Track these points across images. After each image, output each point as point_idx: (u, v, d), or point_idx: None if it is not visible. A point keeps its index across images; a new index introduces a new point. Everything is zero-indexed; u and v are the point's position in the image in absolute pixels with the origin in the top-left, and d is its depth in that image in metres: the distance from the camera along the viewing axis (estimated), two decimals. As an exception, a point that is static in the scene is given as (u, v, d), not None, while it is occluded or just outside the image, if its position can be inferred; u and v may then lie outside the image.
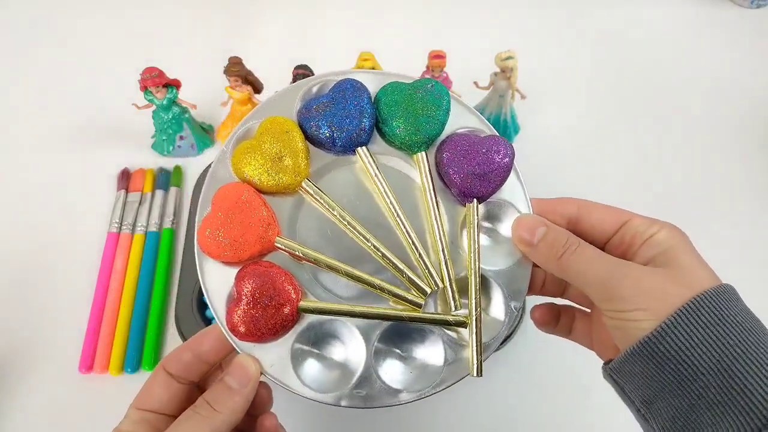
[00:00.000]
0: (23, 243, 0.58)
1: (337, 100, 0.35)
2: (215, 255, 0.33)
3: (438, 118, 0.35)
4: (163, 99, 0.58)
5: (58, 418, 0.49)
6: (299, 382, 0.32)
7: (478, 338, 0.33)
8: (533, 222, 0.33)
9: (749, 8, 0.79)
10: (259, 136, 0.34)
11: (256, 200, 0.33)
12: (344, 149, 0.35)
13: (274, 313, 0.31)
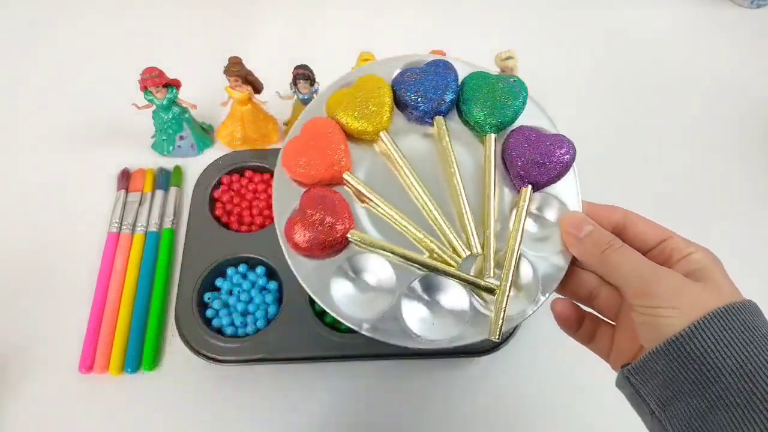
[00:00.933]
0: (23, 243, 0.58)
1: (428, 72, 0.39)
2: (291, 170, 0.38)
3: (513, 107, 0.39)
4: (163, 99, 0.58)
5: (59, 418, 0.49)
6: (332, 300, 0.35)
7: (504, 305, 0.35)
8: (581, 219, 0.36)
9: (749, 8, 0.79)
10: (355, 87, 0.39)
11: (339, 135, 0.38)
12: (424, 115, 0.39)
13: (327, 230, 0.35)
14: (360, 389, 0.51)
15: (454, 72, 0.40)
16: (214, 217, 0.58)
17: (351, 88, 0.39)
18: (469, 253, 0.36)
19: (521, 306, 0.36)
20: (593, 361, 0.53)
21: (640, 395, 0.31)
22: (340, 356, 0.50)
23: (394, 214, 0.37)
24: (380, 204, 0.37)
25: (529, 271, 0.36)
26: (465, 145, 0.40)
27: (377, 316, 0.35)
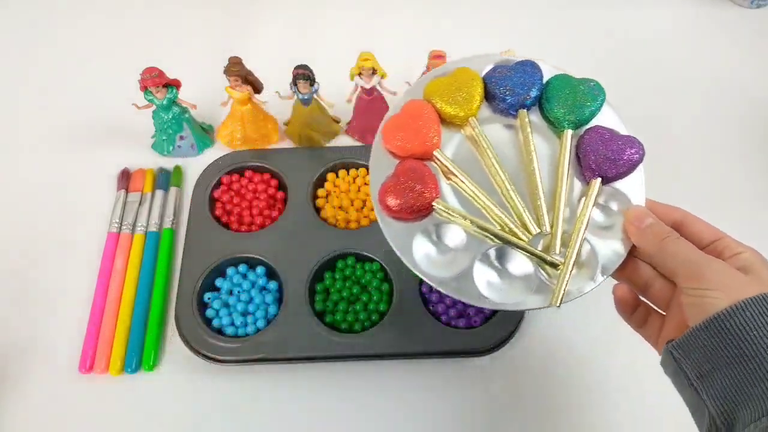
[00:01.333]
0: (24, 243, 0.58)
1: (517, 70, 0.45)
2: (389, 143, 0.42)
3: (591, 108, 0.43)
4: (163, 99, 0.58)
5: (59, 418, 0.50)
6: (413, 258, 0.40)
7: (566, 278, 0.39)
8: (644, 212, 0.40)
9: (749, 8, 0.79)
10: (451, 76, 0.44)
11: (433, 117, 0.43)
12: (509, 107, 0.44)
13: (416, 196, 0.40)
14: (360, 389, 0.51)
15: (540, 72, 0.45)
16: (214, 217, 0.58)
17: (448, 77, 0.44)
18: (538, 231, 0.40)
19: (580, 283, 0.40)
20: (592, 362, 0.53)
21: (681, 368, 0.34)
22: (339, 356, 0.51)
23: (475, 190, 0.41)
24: (464, 180, 0.42)
25: (591, 253, 0.40)
26: (543, 138, 0.44)
27: (451, 276, 0.40)
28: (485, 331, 0.51)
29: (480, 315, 0.52)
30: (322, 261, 0.54)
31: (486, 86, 0.44)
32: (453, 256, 0.41)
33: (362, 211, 0.59)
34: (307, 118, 0.61)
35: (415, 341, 0.50)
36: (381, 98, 0.61)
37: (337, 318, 0.52)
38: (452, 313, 0.52)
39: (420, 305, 0.52)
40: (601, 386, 0.52)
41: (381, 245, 0.55)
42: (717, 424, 0.32)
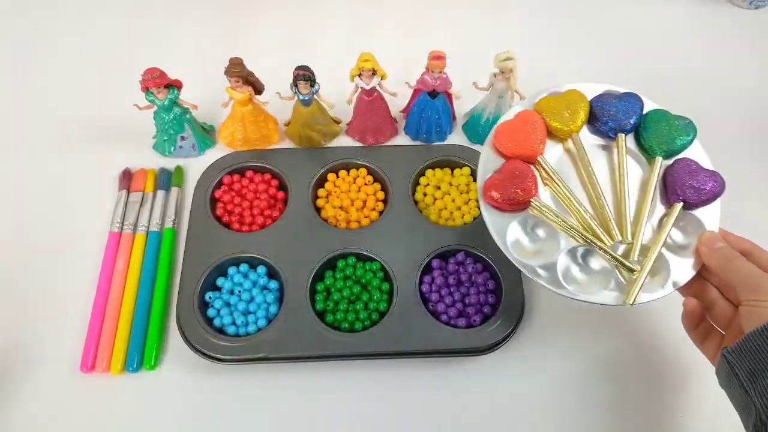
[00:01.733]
0: (25, 243, 0.59)
1: (622, 99, 0.51)
2: (500, 143, 0.50)
3: (682, 141, 0.50)
4: (165, 100, 0.58)
5: (60, 417, 0.50)
6: (506, 243, 0.47)
7: (641, 282, 0.45)
8: (717, 237, 0.46)
9: (748, 9, 0.80)
10: (562, 96, 0.52)
11: (542, 128, 0.50)
12: (609, 130, 0.51)
13: (517, 190, 0.47)
14: (360, 389, 0.51)
15: (642, 104, 0.51)
16: (215, 217, 0.58)
17: (559, 96, 0.52)
18: (620, 239, 0.47)
19: (652, 289, 0.46)
20: (591, 362, 0.54)
21: (734, 371, 0.38)
22: (340, 355, 0.51)
23: (569, 195, 0.48)
24: (560, 185, 0.49)
25: (664, 266, 0.46)
26: (634, 161, 0.51)
27: (537, 264, 0.46)
28: (485, 330, 0.51)
29: (479, 314, 0.52)
30: (322, 260, 0.54)
31: (591, 109, 0.51)
32: (541, 247, 0.48)
33: (362, 210, 0.59)
34: (308, 119, 0.61)
35: (416, 340, 0.51)
36: (381, 99, 0.62)
37: (337, 317, 0.52)
38: (452, 313, 0.52)
39: (420, 305, 0.52)
40: (603, 386, 0.52)
41: (381, 245, 0.56)
42: (763, 419, 0.35)
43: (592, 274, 0.47)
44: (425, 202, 0.60)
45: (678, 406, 0.51)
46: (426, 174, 0.61)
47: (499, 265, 0.54)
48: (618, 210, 0.48)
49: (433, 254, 0.55)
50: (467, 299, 0.53)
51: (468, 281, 0.54)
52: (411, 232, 0.56)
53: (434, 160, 0.62)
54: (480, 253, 0.55)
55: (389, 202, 0.59)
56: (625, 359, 0.53)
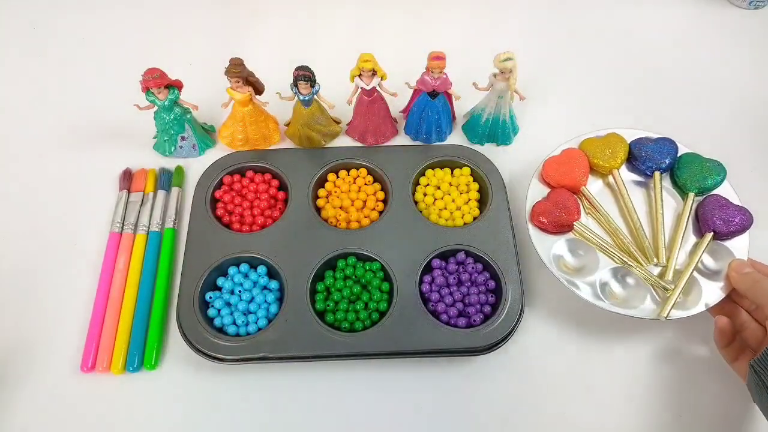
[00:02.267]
0: (26, 242, 0.59)
1: (658, 142, 0.59)
2: (548, 175, 0.57)
3: (714, 180, 0.56)
4: (165, 100, 0.58)
5: (61, 417, 0.50)
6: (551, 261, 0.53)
7: (674, 300, 0.51)
8: (745, 263, 0.52)
9: (747, 9, 0.80)
10: (604, 139, 0.60)
11: (585, 163, 0.58)
12: (646, 168, 0.58)
13: (562, 215, 0.54)
14: (360, 388, 0.52)
15: (676, 147, 0.59)
16: (215, 217, 0.58)
17: (601, 138, 0.60)
18: (656, 261, 0.53)
19: (685, 307, 0.51)
20: (591, 362, 0.54)
21: (761, 379, 0.42)
22: (340, 355, 0.51)
23: (609, 221, 0.55)
24: (601, 212, 0.56)
25: (697, 287, 0.52)
26: (669, 196, 0.58)
27: (579, 280, 0.52)
28: (485, 330, 0.51)
29: (480, 314, 0.52)
30: (322, 260, 0.55)
31: (630, 149, 0.59)
32: (583, 264, 0.54)
33: (363, 210, 0.59)
34: (308, 119, 0.61)
35: (416, 340, 0.51)
36: (381, 99, 0.62)
37: (338, 317, 0.52)
38: (452, 313, 0.53)
39: (420, 304, 0.52)
40: (599, 386, 0.52)
41: (382, 245, 0.56)
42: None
43: (630, 291, 0.53)
44: (425, 202, 0.60)
45: (678, 405, 0.51)
46: (426, 174, 0.61)
47: (499, 265, 0.54)
48: (654, 236, 0.55)
49: (433, 254, 0.55)
50: (467, 299, 0.53)
51: (468, 281, 0.54)
52: (411, 232, 0.57)
53: (434, 161, 0.62)
54: (480, 253, 0.55)
55: (389, 202, 0.59)
56: (626, 359, 0.53)
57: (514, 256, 0.55)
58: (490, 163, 0.61)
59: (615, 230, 0.55)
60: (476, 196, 0.61)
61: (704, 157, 0.58)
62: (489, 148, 0.66)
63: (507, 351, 0.52)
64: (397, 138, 0.66)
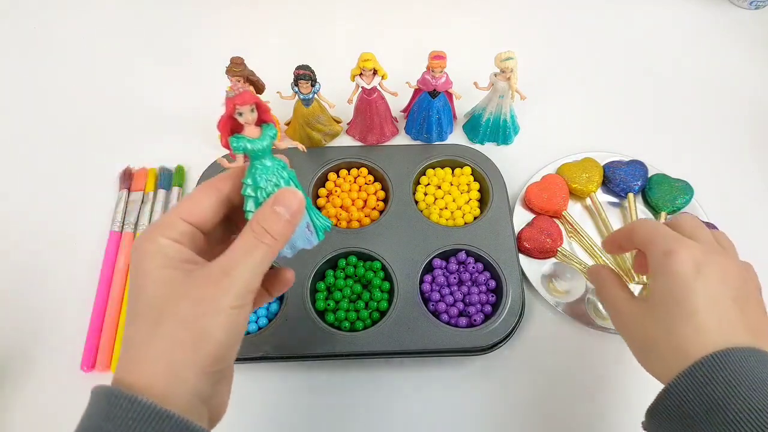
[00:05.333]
0: (26, 242, 0.59)
1: (630, 165, 0.62)
2: (531, 200, 0.60)
3: (683, 200, 0.60)
4: (262, 138, 0.34)
5: (60, 416, 0.49)
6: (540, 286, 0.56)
7: None
8: (594, 269, 0.45)
9: (748, 9, 0.80)
10: (580, 163, 0.62)
11: (564, 189, 0.60)
12: (620, 190, 0.61)
13: (547, 241, 0.57)
14: (360, 388, 0.51)
15: (646, 169, 0.62)
16: (215, 217, 0.58)
17: (578, 163, 0.62)
18: (637, 279, 0.56)
19: None
20: (591, 361, 0.54)
21: None
22: (340, 354, 0.51)
23: (591, 244, 0.58)
24: (583, 235, 0.59)
25: None
26: (643, 215, 0.61)
27: (566, 302, 0.55)
28: (486, 329, 0.51)
29: (480, 314, 0.52)
30: (323, 259, 0.55)
31: (605, 173, 0.62)
32: (569, 287, 0.56)
33: (363, 210, 0.59)
34: (308, 119, 0.61)
35: (416, 340, 0.51)
36: (382, 98, 0.62)
37: (338, 316, 0.52)
38: (453, 312, 0.52)
39: (421, 304, 0.52)
40: (603, 386, 0.52)
41: (382, 244, 0.55)
42: None
43: None
44: (426, 201, 0.60)
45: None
46: (427, 173, 0.61)
47: (500, 264, 0.54)
48: (632, 255, 0.56)
49: (434, 254, 0.55)
50: (468, 298, 0.53)
51: (469, 280, 0.54)
52: (412, 232, 0.56)
53: (435, 160, 0.62)
54: (481, 253, 0.55)
55: (390, 202, 0.59)
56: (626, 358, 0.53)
57: (514, 256, 0.55)
58: (490, 163, 0.61)
59: (597, 253, 0.57)
60: (477, 195, 0.61)
61: (672, 178, 0.61)
62: (490, 148, 0.66)
63: (508, 351, 0.52)
64: (398, 137, 0.66)
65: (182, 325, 0.29)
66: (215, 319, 0.29)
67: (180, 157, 0.64)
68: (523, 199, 0.61)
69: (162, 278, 0.30)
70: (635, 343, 0.39)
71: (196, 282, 0.30)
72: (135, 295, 0.30)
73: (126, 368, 0.29)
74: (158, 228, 0.31)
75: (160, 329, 0.29)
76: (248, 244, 0.31)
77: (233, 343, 0.31)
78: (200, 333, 0.29)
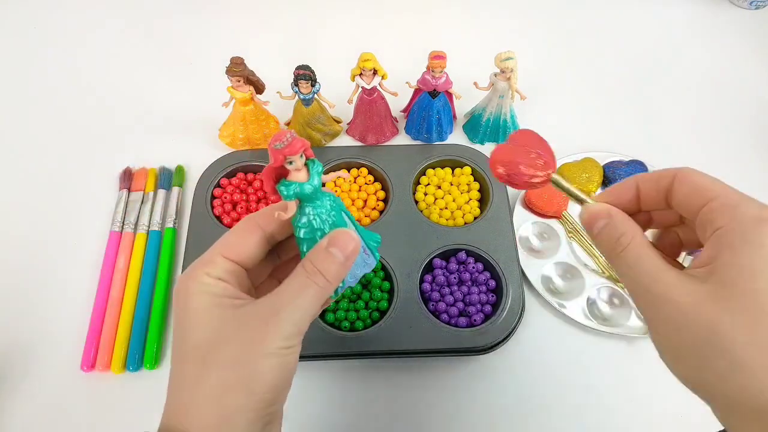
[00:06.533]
0: (26, 242, 0.59)
1: (629, 165, 0.61)
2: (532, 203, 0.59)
3: None
4: (312, 181, 0.32)
5: (60, 416, 0.50)
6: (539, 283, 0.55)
7: None
8: (598, 211, 0.30)
9: (748, 9, 0.80)
10: (579, 162, 0.62)
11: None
12: None
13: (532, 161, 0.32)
14: (360, 388, 0.51)
15: (646, 169, 0.61)
16: (215, 217, 0.58)
17: (578, 163, 0.62)
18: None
19: None
20: (591, 362, 0.53)
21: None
22: (340, 354, 0.51)
23: (590, 244, 0.57)
24: (583, 235, 0.58)
25: None
26: None
27: (567, 302, 0.54)
28: (486, 329, 0.51)
29: (480, 314, 0.52)
30: (323, 260, 0.54)
31: (605, 172, 0.61)
32: (570, 287, 0.56)
33: (363, 210, 0.59)
34: (308, 119, 0.61)
35: (416, 340, 0.50)
36: (382, 98, 0.62)
37: (338, 316, 0.52)
38: (453, 312, 0.52)
39: (421, 304, 0.52)
40: (600, 385, 0.52)
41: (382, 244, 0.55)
42: None
43: (615, 309, 0.55)
44: (426, 201, 0.60)
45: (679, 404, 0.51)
46: (427, 173, 0.61)
47: (500, 264, 0.54)
48: None
49: (434, 253, 0.55)
50: (468, 298, 0.53)
51: (469, 280, 0.54)
52: (412, 232, 0.56)
53: (435, 160, 0.62)
54: (481, 253, 0.55)
55: (390, 202, 0.59)
56: (626, 359, 0.53)
57: (514, 256, 0.55)
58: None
59: (596, 253, 0.57)
60: (477, 195, 0.61)
61: None
62: (490, 148, 0.66)
63: (508, 350, 0.52)
64: (398, 137, 0.66)
65: (231, 367, 0.28)
66: (265, 361, 0.28)
67: (180, 157, 0.64)
68: (523, 199, 0.60)
69: (208, 318, 0.29)
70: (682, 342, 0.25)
71: (244, 322, 0.29)
72: (181, 336, 0.29)
73: (174, 413, 0.28)
74: (202, 266, 0.30)
75: (209, 372, 0.28)
76: (299, 284, 0.29)
77: (284, 385, 0.30)
78: (250, 376, 0.28)
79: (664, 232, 0.31)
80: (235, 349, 0.28)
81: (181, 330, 0.30)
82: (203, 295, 0.29)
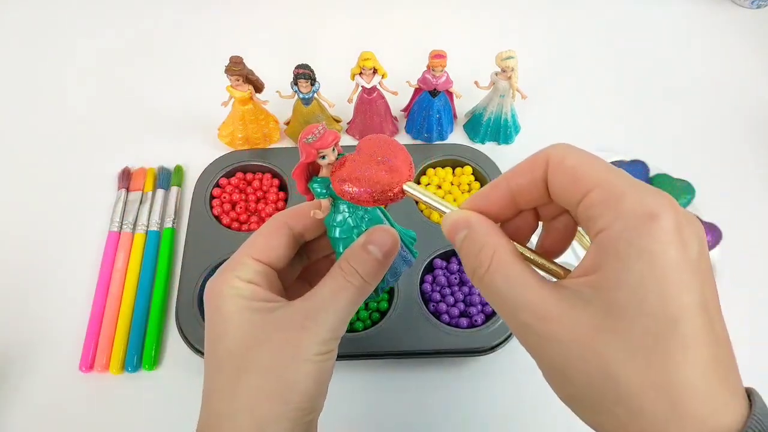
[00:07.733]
0: (24, 242, 0.58)
1: (632, 165, 0.61)
2: None
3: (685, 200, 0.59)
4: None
5: (59, 417, 0.49)
6: None
7: None
8: (456, 221, 0.25)
9: (749, 8, 0.79)
10: None
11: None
12: None
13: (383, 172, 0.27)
14: (360, 389, 0.51)
15: (647, 168, 0.61)
16: (214, 217, 0.58)
17: None
18: None
19: None
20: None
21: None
22: (340, 355, 0.50)
23: None
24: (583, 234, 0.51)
25: None
26: None
27: None
28: (487, 330, 0.51)
29: (481, 314, 0.52)
30: (323, 260, 0.54)
31: None
32: None
33: (363, 210, 0.59)
34: (308, 118, 0.61)
35: (417, 340, 0.50)
36: (382, 98, 0.61)
37: (338, 317, 0.52)
38: (454, 313, 0.52)
39: (421, 304, 0.52)
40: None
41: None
42: None
43: None
44: (426, 201, 0.59)
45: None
46: (427, 173, 0.61)
47: (501, 264, 0.54)
48: None
49: (434, 254, 0.55)
50: (469, 299, 0.53)
51: (470, 281, 0.54)
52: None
53: (435, 160, 0.61)
54: (481, 253, 0.55)
55: (390, 202, 0.59)
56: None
57: (515, 256, 0.54)
58: (491, 163, 0.61)
59: None
60: (477, 195, 0.60)
61: (674, 178, 0.60)
62: (490, 147, 0.65)
63: (509, 351, 0.52)
64: (398, 137, 0.66)
65: (266, 375, 0.27)
66: (301, 368, 0.27)
67: (179, 157, 0.64)
68: None
69: (242, 323, 0.28)
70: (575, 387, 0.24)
71: (279, 326, 0.28)
72: (213, 342, 0.29)
73: (208, 423, 0.28)
74: (231, 269, 0.29)
75: (243, 380, 0.27)
76: (337, 286, 0.28)
77: (321, 392, 0.29)
78: (286, 384, 0.27)
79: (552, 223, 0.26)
80: (270, 355, 0.27)
81: (214, 335, 0.29)
82: (235, 298, 0.28)
